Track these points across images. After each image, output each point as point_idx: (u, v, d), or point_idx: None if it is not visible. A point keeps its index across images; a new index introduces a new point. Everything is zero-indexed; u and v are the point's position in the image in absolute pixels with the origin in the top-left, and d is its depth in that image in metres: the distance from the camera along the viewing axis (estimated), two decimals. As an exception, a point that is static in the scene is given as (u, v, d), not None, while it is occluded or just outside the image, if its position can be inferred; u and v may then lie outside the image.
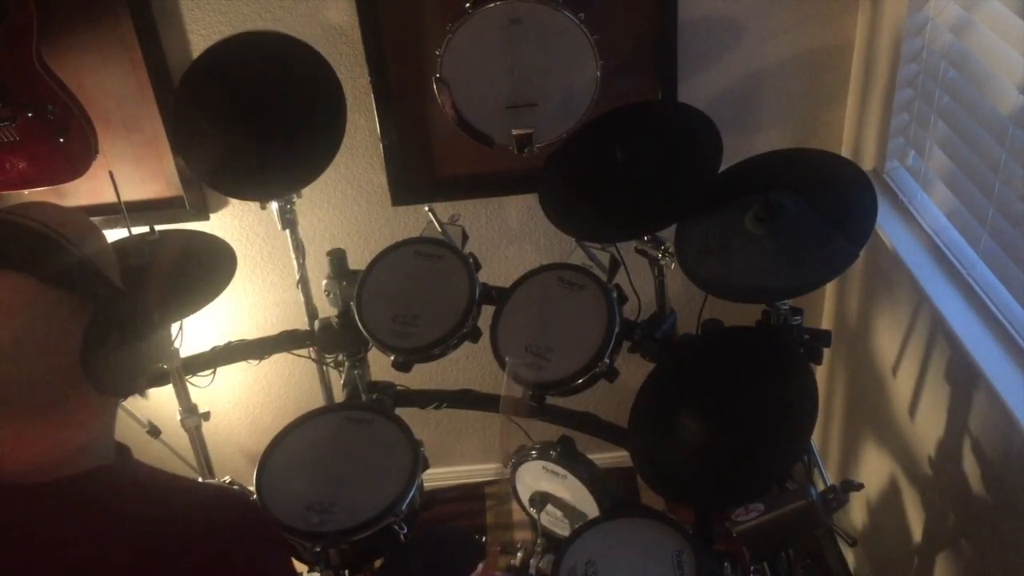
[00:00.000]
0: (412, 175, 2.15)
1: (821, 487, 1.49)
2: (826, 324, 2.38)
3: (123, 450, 1.03)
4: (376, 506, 1.54)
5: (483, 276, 1.80)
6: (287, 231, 1.92)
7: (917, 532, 1.93)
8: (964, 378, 1.66)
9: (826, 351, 1.60)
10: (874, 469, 2.13)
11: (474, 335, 1.75)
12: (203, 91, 1.84)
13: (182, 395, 1.99)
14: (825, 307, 2.38)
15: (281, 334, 2.04)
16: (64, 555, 0.89)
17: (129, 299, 0.95)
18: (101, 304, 0.91)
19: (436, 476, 2.59)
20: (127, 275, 1.00)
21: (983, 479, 1.64)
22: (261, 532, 1.00)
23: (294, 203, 1.90)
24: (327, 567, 1.57)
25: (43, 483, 0.92)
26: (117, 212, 1.75)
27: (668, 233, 1.63)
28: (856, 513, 2.27)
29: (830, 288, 2.34)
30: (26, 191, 2.03)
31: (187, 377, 1.96)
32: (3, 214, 0.92)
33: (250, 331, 2.30)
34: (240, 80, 1.82)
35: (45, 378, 0.90)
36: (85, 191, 2.07)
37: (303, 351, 2.06)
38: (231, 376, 2.39)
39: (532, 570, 1.90)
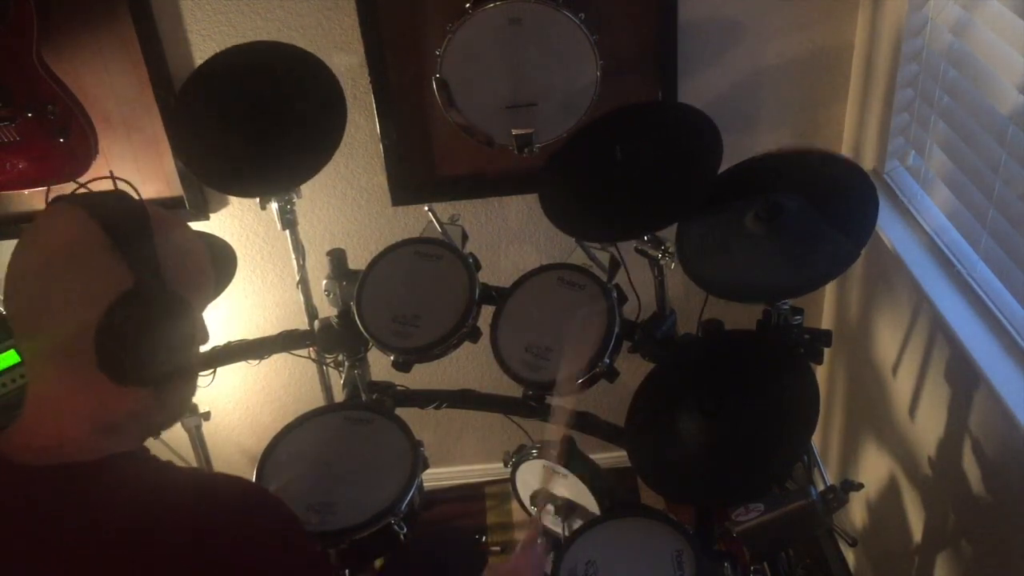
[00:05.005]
0: (412, 175, 2.15)
1: (821, 487, 1.49)
2: (826, 324, 2.38)
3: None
4: (376, 506, 1.54)
5: (483, 276, 1.80)
6: (287, 231, 1.92)
7: (917, 532, 1.93)
8: (964, 378, 1.66)
9: (826, 351, 1.60)
10: (874, 469, 2.13)
11: (474, 335, 1.75)
12: (202, 95, 1.83)
13: (182, 395, 1.99)
14: (825, 307, 2.38)
15: (281, 334, 2.04)
16: (87, 538, 0.90)
17: (168, 296, 0.95)
18: (139, 280, 0.92)
19: (436, 476, 2.59)
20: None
21: (983, 479, 1.64)
22: (284, 531, 1.03)
23: (294, 203, 1.90)
24: (327, 567, 1.57)
25: (66, 464, 0.93)
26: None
27: (668, 233, 1.63)
28: (856, 513, 2.27)
29: (830, 288, 2.34)
30: (26, 191, 2.03)
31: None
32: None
33: (250, 331, 2.30)
34: (240, 84, 1.82)
35: (61, 318, 0.91)
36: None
37: (303, 351, 2.05)
38: (231, 376, 2.39)
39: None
